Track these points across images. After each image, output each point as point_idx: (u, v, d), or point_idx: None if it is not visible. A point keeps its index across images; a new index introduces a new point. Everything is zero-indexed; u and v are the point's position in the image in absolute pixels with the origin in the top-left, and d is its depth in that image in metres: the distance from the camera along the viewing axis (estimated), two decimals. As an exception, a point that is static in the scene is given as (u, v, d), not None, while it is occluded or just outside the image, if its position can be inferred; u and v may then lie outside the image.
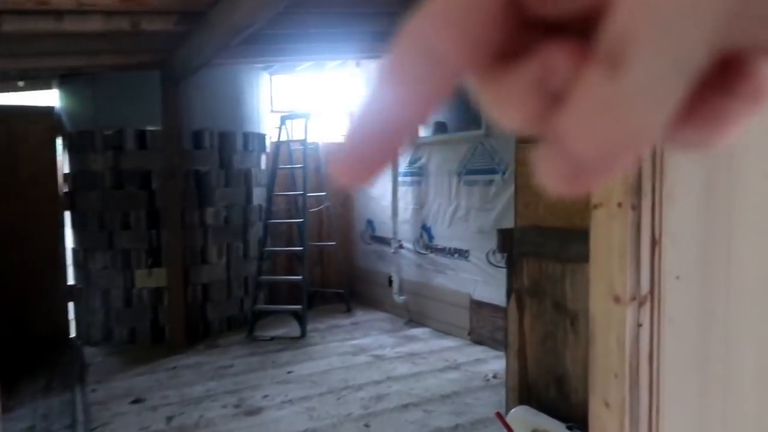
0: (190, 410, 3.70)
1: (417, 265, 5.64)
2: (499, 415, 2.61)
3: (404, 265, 5.78)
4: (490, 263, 4.71)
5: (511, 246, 3.04)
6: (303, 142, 5.80)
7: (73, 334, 5.52)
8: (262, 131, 5.99)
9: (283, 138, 5.91)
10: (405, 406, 3.61)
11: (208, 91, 5.42)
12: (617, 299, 1.07)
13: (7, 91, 5.30)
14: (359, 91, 6.65)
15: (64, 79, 5.30)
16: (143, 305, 5.25)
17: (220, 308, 5.54)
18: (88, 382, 4.31)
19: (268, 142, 6.11)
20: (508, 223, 4.44)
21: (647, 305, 1.08)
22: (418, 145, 5.62)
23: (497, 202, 4.63)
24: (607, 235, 1.09)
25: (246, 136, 5.69)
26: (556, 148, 0.18)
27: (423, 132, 5.63)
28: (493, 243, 4.66)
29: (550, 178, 0.18)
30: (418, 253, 5.61)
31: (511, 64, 0.18)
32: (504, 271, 4.54)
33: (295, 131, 6.18)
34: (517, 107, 0.19)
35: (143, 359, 4.80)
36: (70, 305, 5.53)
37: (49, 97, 5.50)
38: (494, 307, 4.66)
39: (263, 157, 6.00)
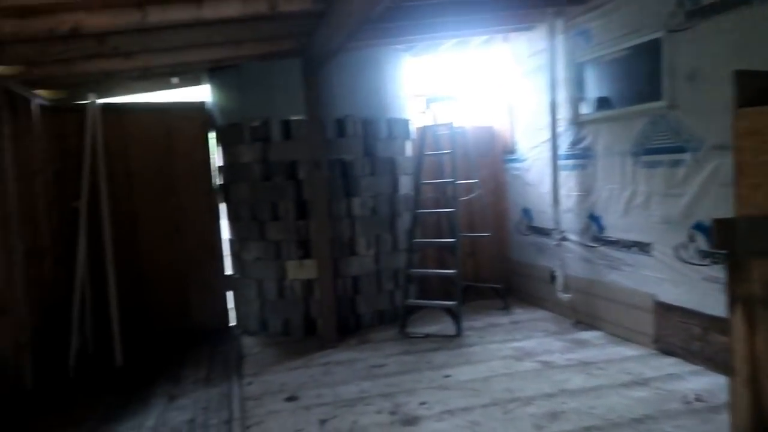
0: (344, 414, 3.48)
1: (584, 259, 4.98)
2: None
3: (569, 259, 5.15)
4: (681, 259, 3.96)
5: (734, 241, 2.38)
6: (450, 126, 5.39)
7: (232, 323, 5.64)
8: (406, 117, 5.68)
9: (429, 122, 5.55)
10: (587, 430, 3.07)
11: (350, 77, 5.21)
12: None
13: (164, 88, 5.50)
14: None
15: (212, 73, 5.38)
16: (295, 297, 5.20)
17: (370, 302, 5.35)
18: (244, 374, 4.30)
19: (412, 128, 5.79)
20: (705, 212, 3.69)
21: None
22: (580, 123, 4.96)
23: (687, 187, 3.87)
24: None
25: (390, 122, 5.43)
26: None
27: (585, 109, 4.96)
28: (682, 235, 3.93)
29: None
30: (586, 245, 4.96)
31: None
32: (700, 269, 3.81)
33: (440, 115, 5.79)
34: None
35: (297, 352, 4.73)
36: (229, 295, 5.65)
37: (201, 93, 5.62)
38: (687, 312, 3.91)
39: (408, 144, 5.69)
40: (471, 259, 6.25)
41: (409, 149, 5.70)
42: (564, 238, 5.16)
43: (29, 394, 3.96)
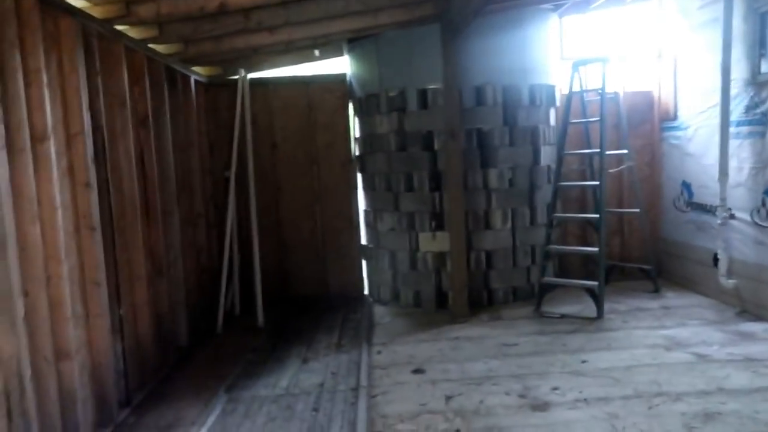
0: (470, 392, 3.38)
1: (756, 241, 4.33)
2: None
3: (736, 241, 4.52)
4: None
5: None
6: (600, 91, 4.94)
7: (366, 291, 5.76)
8: (551, 82, 5.31)
9: (576, 88, 5.15)
10: (749, 437, 2.68)
11: (490, 42, 4.97)
12: None
13: (306, 61, 5.63)
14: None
15: (351, 44, 5.41)
16: (427, 269, 5.16)
17: (504, 277, 5.15)
18: (374, 343, 4.36)
19: (557, 95, 5.39)
20: None
21: None
22: (759, 84, 4.26)
23: None
24: None
25: (532, 89, 5.12)
26: None
27: (766, 67, 4.25)
28: None
29: None
30: (759, 226, 4.30)
31: None
32: None
33: (589, 79, 5.33)
34: None
35: (427, 325, 4.71)
36: (363, 264, 5.77)
37: (341, 65, 5.69)
38: None
39: (552, 112, 5.33)
40: (617, 237, 5.77)
41: (553, 117, 5.34)
42: (731, 217, 4.53)
43: (183, 349, 4.35)
